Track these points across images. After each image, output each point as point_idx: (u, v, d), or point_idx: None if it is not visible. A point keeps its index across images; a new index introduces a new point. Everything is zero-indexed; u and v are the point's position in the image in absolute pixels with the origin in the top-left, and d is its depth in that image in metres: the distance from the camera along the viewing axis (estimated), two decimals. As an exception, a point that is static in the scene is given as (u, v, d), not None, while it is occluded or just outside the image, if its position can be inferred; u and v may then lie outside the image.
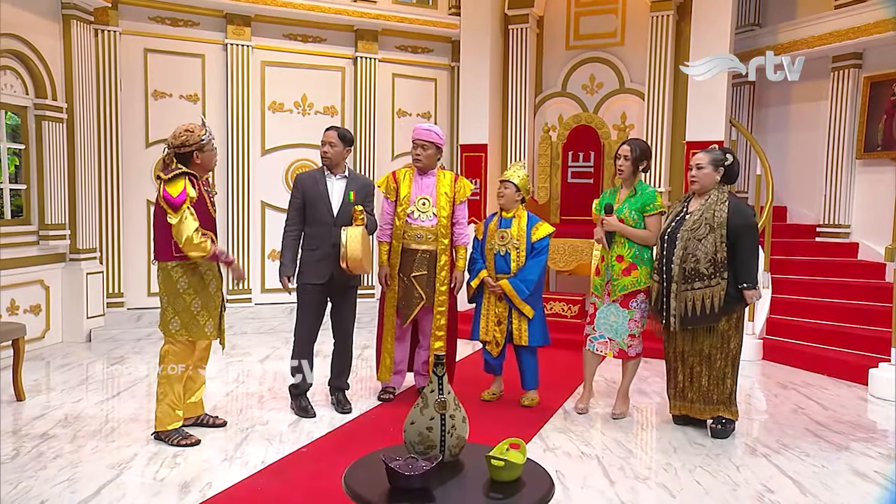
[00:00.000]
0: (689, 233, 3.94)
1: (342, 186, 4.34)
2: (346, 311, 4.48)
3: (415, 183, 4.55)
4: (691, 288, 3.93)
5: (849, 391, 5.11)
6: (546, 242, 4.50)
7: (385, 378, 4.69)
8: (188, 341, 3.80)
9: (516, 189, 4.51)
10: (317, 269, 4.27)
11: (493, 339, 4.56)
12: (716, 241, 3.89)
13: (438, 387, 2.38)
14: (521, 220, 4.51)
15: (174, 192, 3.59)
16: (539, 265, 4.46)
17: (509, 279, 4.45)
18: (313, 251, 4.29)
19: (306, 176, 4.40)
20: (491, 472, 2.29)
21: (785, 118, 7.74)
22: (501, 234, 4.51)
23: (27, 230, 5.94)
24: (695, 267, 3.92)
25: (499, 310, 4.53)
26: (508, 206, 4.54)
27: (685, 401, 4.16)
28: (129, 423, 4.14)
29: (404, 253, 4.51)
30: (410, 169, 4.63)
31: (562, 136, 7.12)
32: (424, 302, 4.51)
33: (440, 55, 8.03)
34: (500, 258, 4.49)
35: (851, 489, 3.39)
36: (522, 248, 4.46)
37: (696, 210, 3.99)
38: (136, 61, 6.75)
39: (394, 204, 4.56)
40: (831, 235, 7.04)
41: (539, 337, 4.50)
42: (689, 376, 4.12)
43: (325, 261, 4.25)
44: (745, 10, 7.81)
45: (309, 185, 4.32)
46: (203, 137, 3.73)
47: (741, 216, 3.93)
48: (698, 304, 3.93)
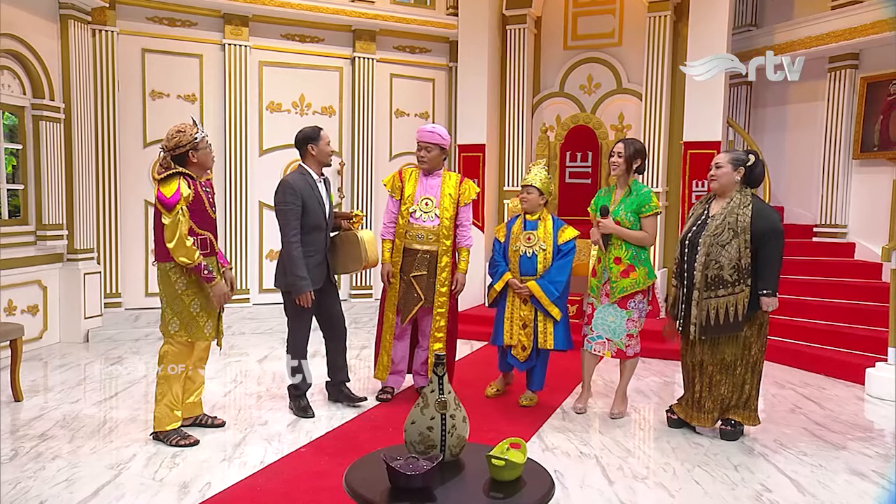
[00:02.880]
0: (711, 238, 3.81)
1: (324, 188, 4.33)
2: (336, 308, 4.49)
3: (420, 183, 4.55)
4: (714, 295, 3.81)
5: (846, 391, 5.12)
6: (572, 245, 4.46)
7: (381, 377, 4.68)
8: (187, 342, 3.80)
9: (539, 193, 4.47)
10: (315, 275, 4.24)
11: (518, 343, 4.48)
12: (740, 246, 3.76)
13: (439, 386, 2.38)
14: (547, 222, 4.49)
15: (168, 192, 3.59)
16: (567, 267, 4.42)
17: (537, 280, 4.40)
18: (311, 257, 4.20)
19: (299, 180, 4.18)
20: (492, 471, 2.29)
21: (782, 118, 7.76)
22: (528, 236, 4.46)
23: (25, 230, 5.92)
24: (718, 273, 3.80)
25: (524, 313, 4.47)
26: (532, 209, 4.50)
27: (701, 411, 4.01)
28: (127, 424, 4.13)
29: (405, 252, 4.51)
30: (417, 168, 4.62)
31: (559, 137, 7.13)
32: (423, 302, 4.50)
33: (438, 55, 8.04)
34: (527, 260, 4.45)
35: (849, 488, 3.40)
36: (549, 250, 4.42)
37: (719, 214, 3.86)
38: (134, 61, 6.75)
39: (398, 203, 4.56)
40: (828, 235, 7.07)
41: (563, 340, 4.44)
42: (707, 386, 3.98)
43: (321, 266, 4.27)
44: (741, 11, 7.83)
45: (306, 191, 4.16)
46: (196, 136, 3.71)
47: (766, 220, 3.79)
48: (721, 312, 3.80)
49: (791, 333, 6.06)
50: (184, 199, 3.61)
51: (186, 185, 3.64)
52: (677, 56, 6.89)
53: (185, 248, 3.60)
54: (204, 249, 3.76)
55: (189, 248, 3.61)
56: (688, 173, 6.77)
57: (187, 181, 3.67)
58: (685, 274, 3.96)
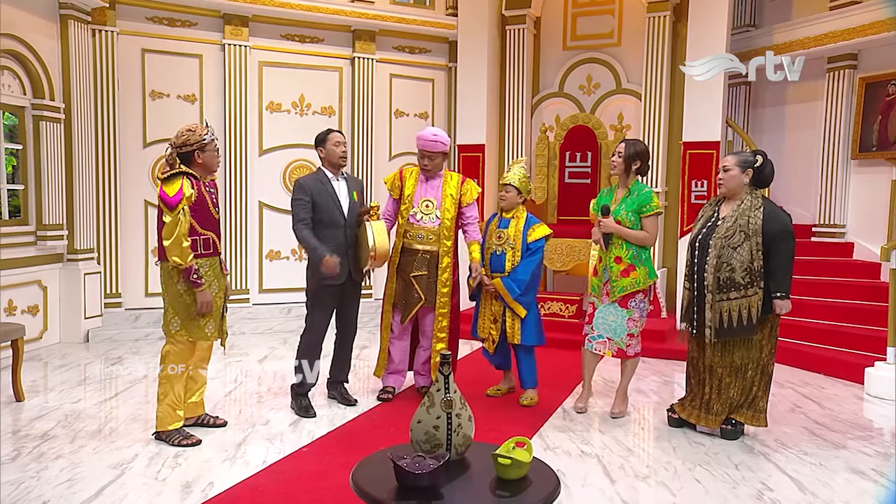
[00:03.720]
0: (722, 240, 3.81)
1: (345, 187, 4.40)
2: (354, 309, 4.56)
3: (420, 184, 4.56)
4: (727, 298, 3.80)
5: (845, 390, 5.14)
6: (541, 244, 4.54)
7: (378, 374, 4.72)
8: (188, 341, 3.80)
9: (517, 192, 4.55)
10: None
11: (489, 337, 4.62)
12: (751, 249, 3.75)
13: (445, 386, 2.39)
14: (520, 220, 4.56)
15: (170, 191, 3.60)
16: (531, 265, 4.49)
17: (502, 278, 4.50)
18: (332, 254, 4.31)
19: (310, 178, 4.38)
20: (497, 470, 2.30)
21: (781, 118, 7.78)
22: (499, 234, 4.57)
23: (25, 230, 5.92)
24: (730, 276, 3.78)
25: (494, 308, 4.59)
26: (510, 207, 4.59)
27: (710, 413, 4.01)
28: (129, 424, 4.14)
29: (404, 252, 4.53)
30: (417, 168, 4.62)
31: (559, 137, 7.14)
32: (424, 302, 4.51)
33: (437, 55, 8.05)
34: (496, 257, 4.54)
35: (849, 487, 3.42)
36: (518, 249, 4.50)
37: (729, 216, 3.85)
38: (134, 61, 6.74)
39: (396, 202, 4.58)
40: (827, 235, 7.08)
41: (532, 336, 4.53)
42: (717, 388, 3.98)
43: (344, 261, 4.26)
44: (740, 11, 7.84)
45: (316, 188, 4.29)
46: (205, 137, 3.73)
47: (777, 222, 3.79)
48: (734, 315, 3.79)
49: (790, 333, 6.07)
50: (186, 199, 3.62)
51: (189, 185, 3.65)
52: (676, 56, 6.91)
53: (180, 248, 3.60)
54: (207, 249, 3.77)
55: (183, 249, 3.61)
56: (687, 173, 6.79)
57: (190, 181, 3.68)
58: (696, 276, 3.95)
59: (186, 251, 3.62)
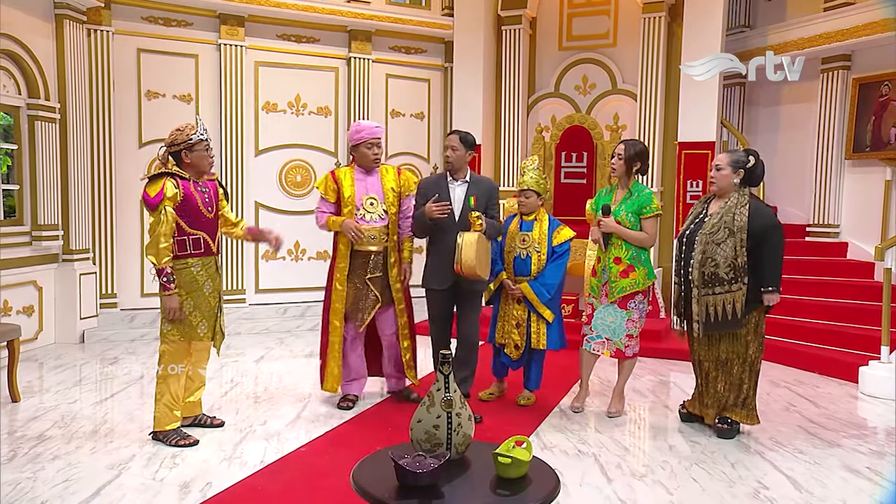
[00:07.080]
0: (707, 236, 3.88)
1: (463, 191, 4.36)
2: (467, 318, 4.48)
3: (358, 182, 4.39)
4: (711, 293, 3.88)
5: (839, 389, 5.17)
6: (567, 246, 4.49)
7: (331, 388, 4.50)
8: (180, 340, 3.78)
9: (537, 195, 4.49)
10: (440, 275, 4.33)
11: (511, 343, 4.52)
12: (735, 245, 3.82)
13: (445, 385, 2.40)
14: (543, 223, 4.50)
15: (151, 192, 3.62)
16: (560, 269, 4.45)
17: (530, 283, 4.42)
18: (436, 256, 4.36)
19: (430, 182, 4.48)
20: (498, 469, 2.31)
21: (775, 119, 7.82)
22: (523, 238, 4.48)
23: (20, 231, 5.90)
24: (714, 271, 3.86)
25: (517, 312, 4.50)
26: (531, 211, 4.52)
27: (704, 406, 4.17)
28: (126, 424, 4.13)
29: (354, 256, 4.37)
30: (350, 168, 4.48)
31: (555, 137, 7.16)
32: (380, 303, 4.42)
33: (433, 56, 8.05)
34: (521, 261, 4.47)
35: (844, 485, 3.44)
36: (544, 252, 4.44)
37: (716, 213, 3.93)
38: (130, 61, 6.73)
39: (333, 205, 4.40)
40: (821, 235, 7.12)
41: (557, 340, 4.48)
42: (704, 381, 4.12)
43: (447, 266, 4.23)
44: (735, 12, 7.89)
45: (432, 191, 4.33)
46: (191, 137, 3.70)
47: (763, 217, 3.88)
48: (719, 310, 3.87)
49: (785, 332, 6.11)
50: (168, 200, 3.61)
51: (173, 186, 3.63)
52: (672, 57, 6.94)
53: (157, 248, 3.60)
54: (197, 249, 3.75)
55: (160, 250, 3.60)
56: (682, 173, 6.82)
57: (175, 181, 3.66)
58: (683, 271, 4.03)
59: (163, 252, 3.61)
